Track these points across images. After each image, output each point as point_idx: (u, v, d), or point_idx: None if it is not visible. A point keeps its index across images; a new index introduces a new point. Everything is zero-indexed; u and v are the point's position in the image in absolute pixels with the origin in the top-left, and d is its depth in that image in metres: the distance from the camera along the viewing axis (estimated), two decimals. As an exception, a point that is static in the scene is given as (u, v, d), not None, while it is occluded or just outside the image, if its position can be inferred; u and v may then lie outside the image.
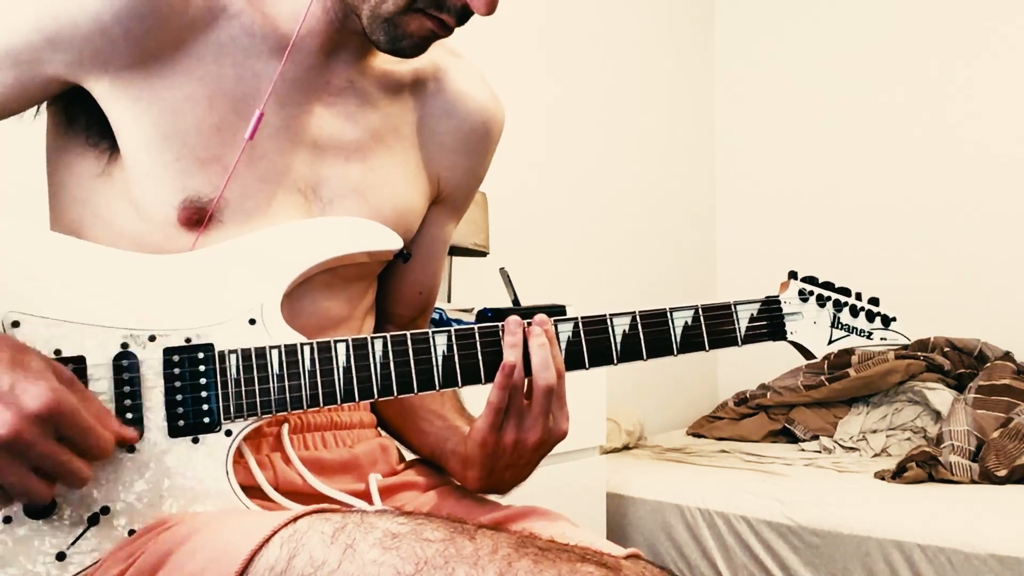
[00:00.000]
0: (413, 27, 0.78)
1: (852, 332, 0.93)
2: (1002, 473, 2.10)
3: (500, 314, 0.81)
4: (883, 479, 2.17)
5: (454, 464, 0.89)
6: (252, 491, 0.76)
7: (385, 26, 0.78)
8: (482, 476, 0.84)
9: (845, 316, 0.93)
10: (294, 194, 0.83)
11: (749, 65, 3.52)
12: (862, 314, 0.94)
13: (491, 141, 0.97)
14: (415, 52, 0.82)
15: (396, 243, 0.84)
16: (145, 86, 0.76)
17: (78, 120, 0.80)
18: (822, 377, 2.84)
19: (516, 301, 1.98)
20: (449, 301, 2.13)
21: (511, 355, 0.78)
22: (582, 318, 0.83)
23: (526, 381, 0.80)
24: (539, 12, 2.72)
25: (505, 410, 0.79)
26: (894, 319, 0.95)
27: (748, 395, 3.01)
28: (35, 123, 0.84)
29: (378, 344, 0.78)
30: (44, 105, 0.81)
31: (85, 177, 0.81)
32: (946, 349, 2.76)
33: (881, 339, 0.94)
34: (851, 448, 2.59)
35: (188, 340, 0.74)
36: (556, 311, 0.82)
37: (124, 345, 0.72)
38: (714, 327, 0.87)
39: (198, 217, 0.78)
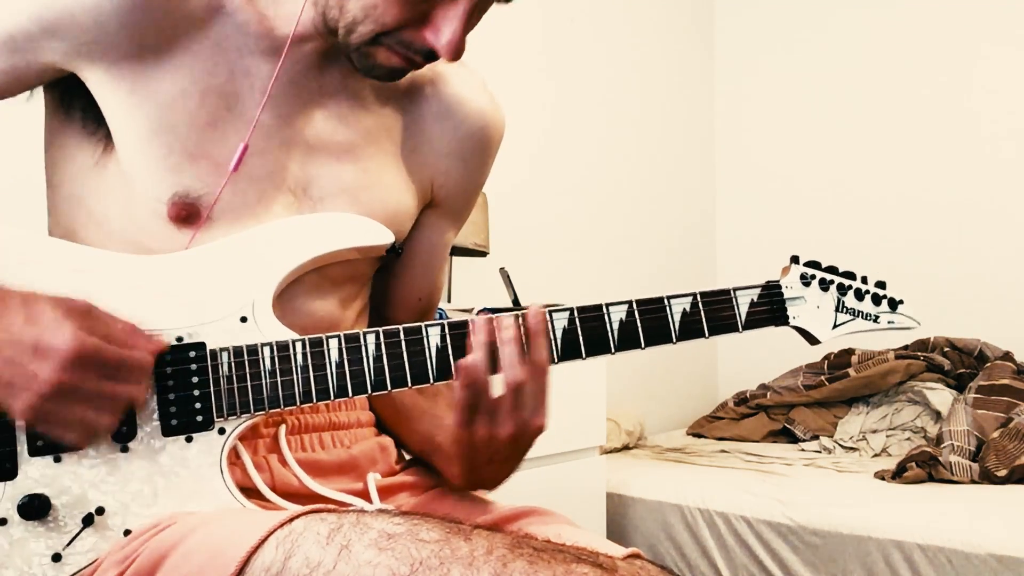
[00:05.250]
0: (381, 58, 0.78)
1: (858, 316, 0.90)
2: (1002, 473, 2.09)
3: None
4: (883, 479, 2.16)
5: (440, 461, 0.88)
6: (249, 492, 0.76)
7: (356, 54, 0.78)
8: (463, 472, 0.83)
9: (850, 300, 0.90)
10: (284, 193, 0.82)
11: (749, 58, 3.50)
12: (868, 297, 0.91)
13: (490, 147, 0.96)
14: (389, 79, 0.82)
15: (387, 237, 0.83)
16: (140, 79, 0.76)
17: (74, 107, 0.80)
18: (822, 377, 2.83)
19: (516, 301, 1.97)
20: (449, 301, 2.12)
21: (473, 354, 0.77)
22: (578, 307, 0.82)
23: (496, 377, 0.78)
24: (538, 9, 2.72)
25: (475, 407, 0.78)
26: (901, 302, 0.91)
27: (748, 395, 3.00)
28: (34, 126, 0.84)
29: (370, 338, 0.77)
30: (39, 90, 0.81)
31: (81, 167, 0.80)
32: (946, 349, 2.76)
33: (889, 323, 0.91)
34: (851, 448, 2.59)
35: (179, 339, 0.74)
36: (555, 311, 0.82)
37: (117, 345, 0.72)
38: (713, 313, 0.85)
39: (187, 213, 0.78)
